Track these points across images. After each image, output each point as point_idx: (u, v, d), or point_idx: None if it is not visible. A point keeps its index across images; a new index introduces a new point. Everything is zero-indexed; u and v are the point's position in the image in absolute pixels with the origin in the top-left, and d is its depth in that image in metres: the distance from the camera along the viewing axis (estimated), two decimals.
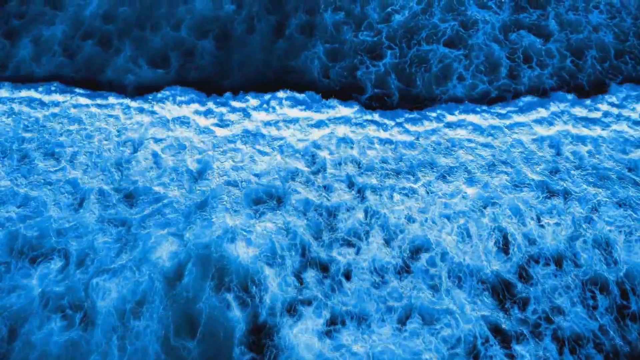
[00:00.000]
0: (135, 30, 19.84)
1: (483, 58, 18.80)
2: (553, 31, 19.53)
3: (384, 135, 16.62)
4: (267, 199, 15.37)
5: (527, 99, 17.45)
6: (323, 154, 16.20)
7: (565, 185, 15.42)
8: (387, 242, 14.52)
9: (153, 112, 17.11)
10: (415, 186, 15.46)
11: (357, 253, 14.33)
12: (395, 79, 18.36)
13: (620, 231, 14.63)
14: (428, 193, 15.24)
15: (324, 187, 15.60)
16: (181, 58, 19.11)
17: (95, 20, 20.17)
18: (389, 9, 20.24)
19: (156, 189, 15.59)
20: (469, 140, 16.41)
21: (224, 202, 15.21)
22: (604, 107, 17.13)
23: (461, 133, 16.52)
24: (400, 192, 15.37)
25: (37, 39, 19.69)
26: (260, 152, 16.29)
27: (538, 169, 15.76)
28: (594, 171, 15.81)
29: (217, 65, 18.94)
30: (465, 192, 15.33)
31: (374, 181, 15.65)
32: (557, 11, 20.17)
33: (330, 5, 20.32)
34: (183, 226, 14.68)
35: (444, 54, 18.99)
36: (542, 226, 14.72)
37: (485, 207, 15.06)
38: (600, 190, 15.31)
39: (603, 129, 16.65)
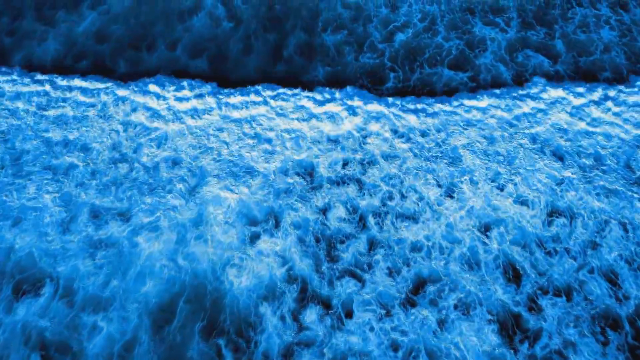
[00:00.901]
0: (130, 50, 19.24)
1: (490, 80, 18.17)
2: (560, 52, 18.90)
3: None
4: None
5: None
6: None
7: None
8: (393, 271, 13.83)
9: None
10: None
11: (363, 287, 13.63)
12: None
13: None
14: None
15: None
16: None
17: (88, 39, 19.64)
18: (391, 27, 19.60)
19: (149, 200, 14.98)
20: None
21: (219, 219, 14.49)
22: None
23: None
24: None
25: (28, 57, 19.21)
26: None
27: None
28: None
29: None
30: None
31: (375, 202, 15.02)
32: (564, 30, 19.54)
33: (330, 24, 19.71)
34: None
35: (449, 77, 18.42)
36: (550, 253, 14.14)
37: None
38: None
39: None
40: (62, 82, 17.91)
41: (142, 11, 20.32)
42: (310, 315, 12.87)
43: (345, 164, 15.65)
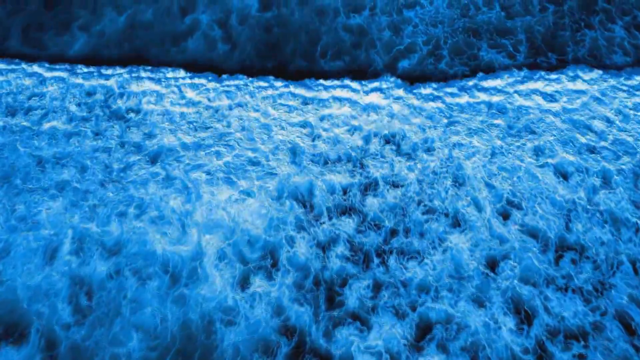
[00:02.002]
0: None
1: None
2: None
3: None
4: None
5: None
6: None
7: None
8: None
9: None
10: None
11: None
12: None
13: None
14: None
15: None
16: None
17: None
18: (394, 51, 18.79)
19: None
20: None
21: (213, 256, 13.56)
22: None
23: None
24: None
25: None
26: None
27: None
28: None
29: None
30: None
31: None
32: (576, 54, 18.73)
33: (330, 49, 18.89)
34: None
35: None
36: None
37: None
38: None
39: None
40: None
41: (136, 34, 19.56)
42: None
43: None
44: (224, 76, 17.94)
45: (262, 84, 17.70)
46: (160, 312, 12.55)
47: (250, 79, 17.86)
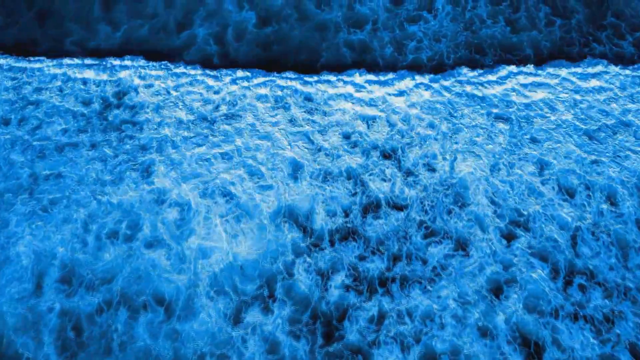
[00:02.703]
0: None
1: None
2: None
3: None
4: None
5: None
6: None
7: None
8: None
9: None
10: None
11: None
12: None
13: None
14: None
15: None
16: None
17: None
18: (398, 67, 18.24)
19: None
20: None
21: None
22: None
23: None
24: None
25: None
26: None
27: None
28: None
29: None
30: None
31: None
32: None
33: (331, 67, 18.31)
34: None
35: None
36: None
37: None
38: None
39: None
40: None
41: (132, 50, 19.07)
42: None
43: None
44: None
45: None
46: (152, 347, 11.95)
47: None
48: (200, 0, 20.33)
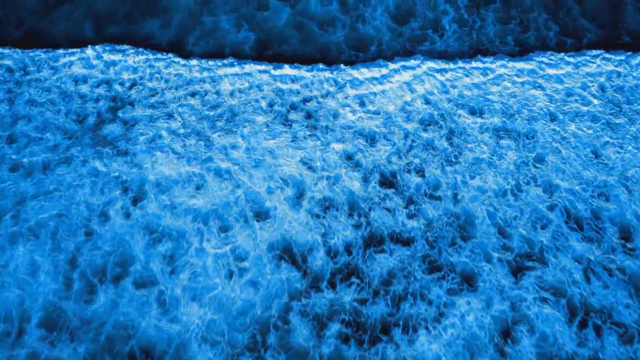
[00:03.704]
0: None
1: None
2: None
3: None
4: None
5: None
6: None
7: None
8: None
9: None
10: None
11: None
12: None
13: None
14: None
15: None
16: None
17: None
18: None
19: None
20: None
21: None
22: None
23: None
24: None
25: None
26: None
27: None
28: None
29: None
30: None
31: None
32: None
33: None
34: None
35: None
36: None
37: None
38: None
39: None
40: None
41: None
42: None
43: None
44: None
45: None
46: None
47: None
48: (197, 19, 19.70)
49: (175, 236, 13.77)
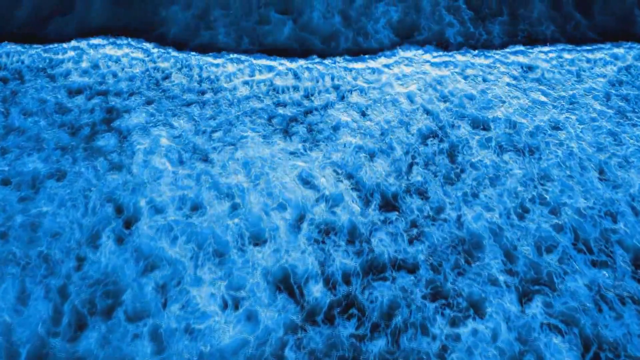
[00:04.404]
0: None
1: None
2: None
3: None
4: None
5: None
6: None
7: None
8: None
9: None
10: None
11: None
12: None
13: None
14: None
15: None
16: None
17: None
18: None
19: None
20: None
21: None
22: None
23: None
24: None
25: None
26: None
27: None
28: None
29: None
30: None
31: None
32: None
33: None
34: None
35: None
36: None
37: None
38: None
39: None
40: None
41: None
42: None
43: None
44: None
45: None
46: None
47: None
48: (194, 31, 19.33)
49: (169, 262, 13.32)
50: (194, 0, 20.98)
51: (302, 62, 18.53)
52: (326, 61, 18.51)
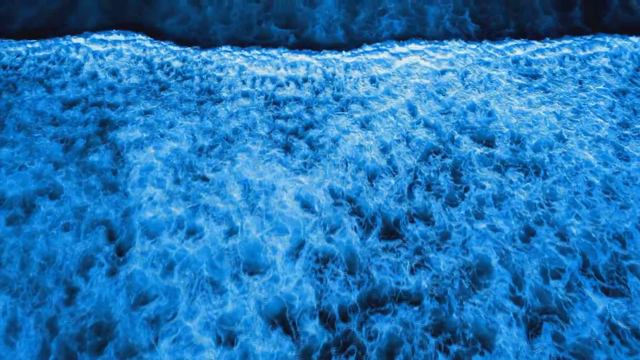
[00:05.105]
0: None
1: None
2: None
3: None
4: None
5: None
6: None
7: None
8: None
9: None
10: None
11: None
12: None
13: None
14: None
15: None
16: None
17: None
18: None
19: None
20: None
21: None
22: None
23: None
24: None
25: None
26: None
27: None
28: None
29: None
30: None
31: None
32: None
33: None
34: None
35: None
36: None
37: None
38: None
39: None
40: None
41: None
42: None
43: None
44: None
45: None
46: None
47: None
48: (193, 41, 19.02)
49: (162, 292, 12.87)
50: (192, 14, 20.58)
51: (303, 72, 18.15)
52: (328, 70, 18.13)
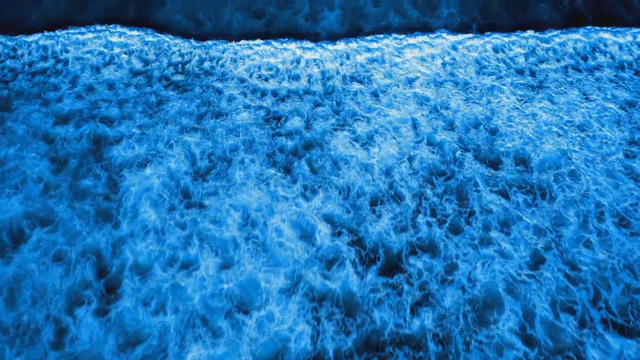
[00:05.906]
0: None
1: None
2: None
3: None
4: None
5: None
6: None
7: None
8: None
9: None
10: None
11: None
12: None
13: None
14: None
15: None
16: None
17: None
18: None
19: None
20: None
21: None
22: None
23: None
24: None
25: None
26: None
27: None
28: None
29: None
30: None
31: None
32: None
33: None
34: None
35: None
36: None
37: None
38: None
39: None
40: None
41: None
42: None
43: None
44: None
45: None
46: None
47: None
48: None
49: (152, 334, 12.33)
50: (191, 29, 20.13)
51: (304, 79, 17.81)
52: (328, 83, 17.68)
